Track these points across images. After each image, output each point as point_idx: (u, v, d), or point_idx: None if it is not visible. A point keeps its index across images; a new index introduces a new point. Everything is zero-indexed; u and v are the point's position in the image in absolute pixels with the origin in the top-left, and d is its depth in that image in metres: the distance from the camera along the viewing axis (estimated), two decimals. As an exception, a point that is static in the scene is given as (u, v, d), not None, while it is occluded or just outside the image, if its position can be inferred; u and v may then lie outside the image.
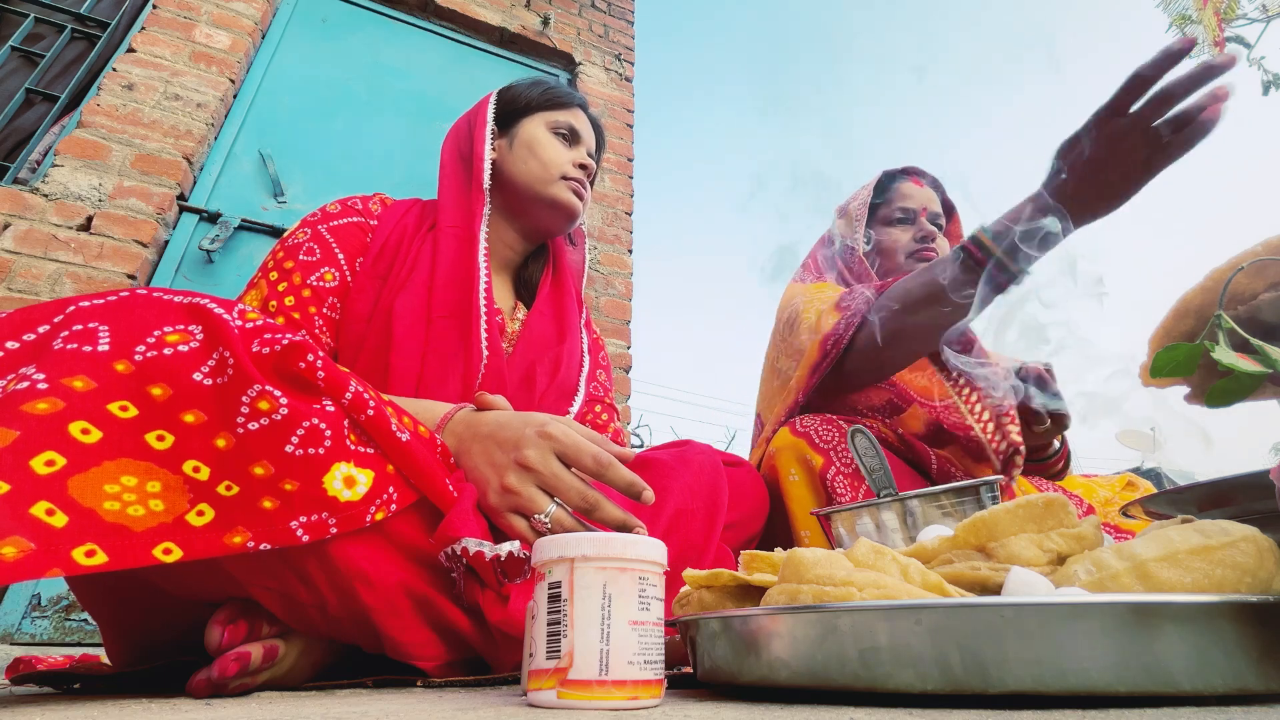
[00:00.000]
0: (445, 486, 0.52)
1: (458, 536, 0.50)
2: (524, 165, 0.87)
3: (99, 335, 0.41)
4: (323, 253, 0.76)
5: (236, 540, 0.41)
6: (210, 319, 0.44)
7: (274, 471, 0.43)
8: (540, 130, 0.89)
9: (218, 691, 0.45)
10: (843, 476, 0.86)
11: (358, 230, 0.81)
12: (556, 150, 0.88)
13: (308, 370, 0.46)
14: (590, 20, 2.82)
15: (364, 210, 0.84)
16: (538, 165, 0.87)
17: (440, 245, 0.80)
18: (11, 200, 1.54)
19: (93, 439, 0.39)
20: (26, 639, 1.34)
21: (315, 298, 0.73)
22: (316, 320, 0.73)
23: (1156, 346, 0.49)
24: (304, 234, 0.77)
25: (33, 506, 0.36)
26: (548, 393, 0.82)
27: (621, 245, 2.40)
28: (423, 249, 0.81)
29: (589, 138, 0.93)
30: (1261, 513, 0.42)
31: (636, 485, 0.55)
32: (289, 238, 0.77)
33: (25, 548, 0.35)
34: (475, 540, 0.50)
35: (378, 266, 0.78)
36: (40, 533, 0.35)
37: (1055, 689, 0.28)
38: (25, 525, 0.35)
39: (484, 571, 0.51)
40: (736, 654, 0.38)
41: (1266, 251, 0.44)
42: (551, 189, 0.86)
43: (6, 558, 0.34)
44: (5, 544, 0.34)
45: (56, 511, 0.36)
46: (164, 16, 1.92)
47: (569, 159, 0.88)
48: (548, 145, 0.88)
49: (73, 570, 0.36)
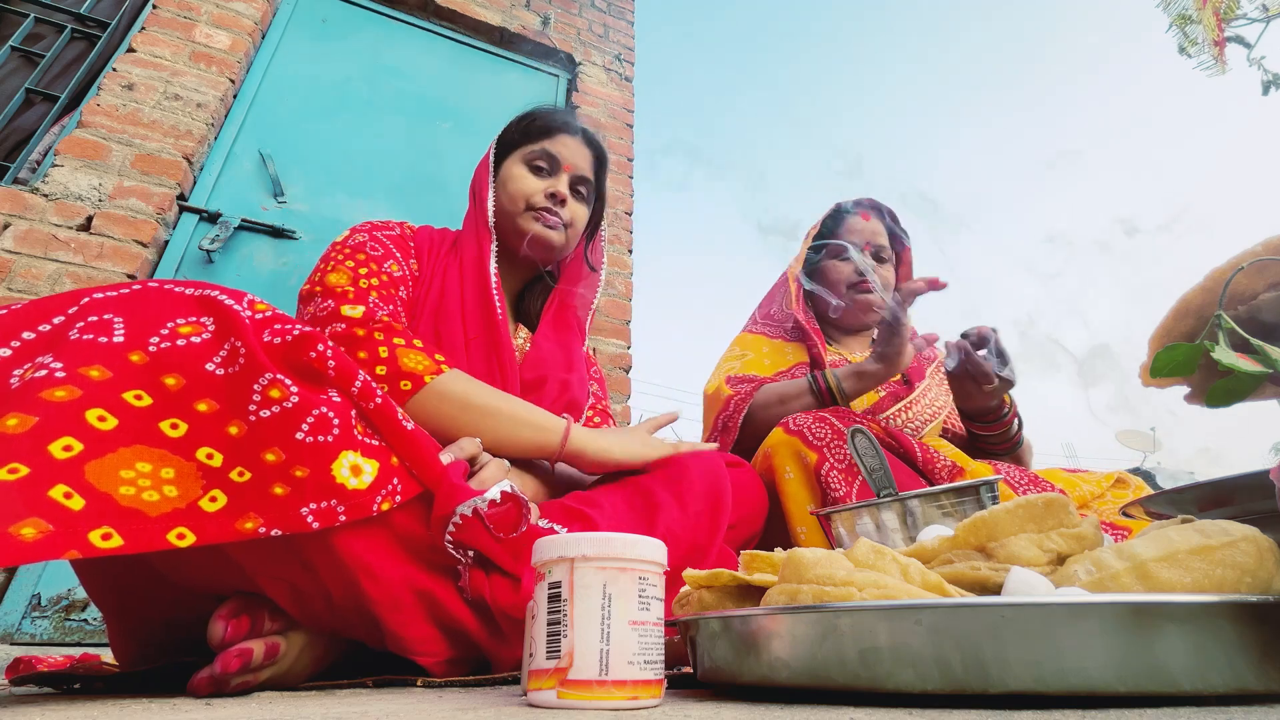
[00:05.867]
0: (446, 475, 0.52)
1: (452, 510, 0.50)
2: (500, 204, 0.91)
3: (114, 326, 0.42)
4: (384, 250, 0.82)
5: (248, 526, 0.42)
6: (221, 310, 0.46)
7: (285, 458, 0.44)
8: (515, 165, 0.92)
9: (220, 688, 0.45)
10: (837, 472, 0.87)
11: (402, 241, 0.87)
12: (526, 182, 0.90)
13: (318, 360, 0.47)
14: (590, 20, 2.81)
15: (402, 232, 0.89)
16: (507, 199, 0.90)
17: (465, 275, 0.87)
18: (11, 200, 1.54)
19: (109, 426, 0.39)
20: (26, 639, 1.34)
21: (391, 283, 0.79)
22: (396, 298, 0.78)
23: (1156, 346, 0.49)
24: (365, 236, 0.82)
25: (51, 489, 0.37)
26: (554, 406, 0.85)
27: (621, 245, 2.40)
28: (449, 270, 0.87)
29: (576, 160, 0.93)
30: (1261, 513, 0.42)
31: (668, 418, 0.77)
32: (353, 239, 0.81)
33: (44, 529, 0.35)
34: (467, 502, 0.50)
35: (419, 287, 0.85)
36: (58, 515, 0.36)
37: (1055, 689, 0.28)
38: (44, 507, 0.36)
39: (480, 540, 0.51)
40: (736, 654, 0.38)
41: (1266, 251, 0.44)
42: (519, 221, 0.89)
43: (26, 538, 0.35)
44: (24, 525, 0.35)
45: (74, 495, 0.37)
46: (164, 16, 1.92)
47: (539, 189, 0.89)
48: (518, 179, 0.90)
49: (89, 552, 0.36)
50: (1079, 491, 0.94)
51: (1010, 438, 1.10)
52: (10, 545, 0.34)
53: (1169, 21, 2.62)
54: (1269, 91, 2.45)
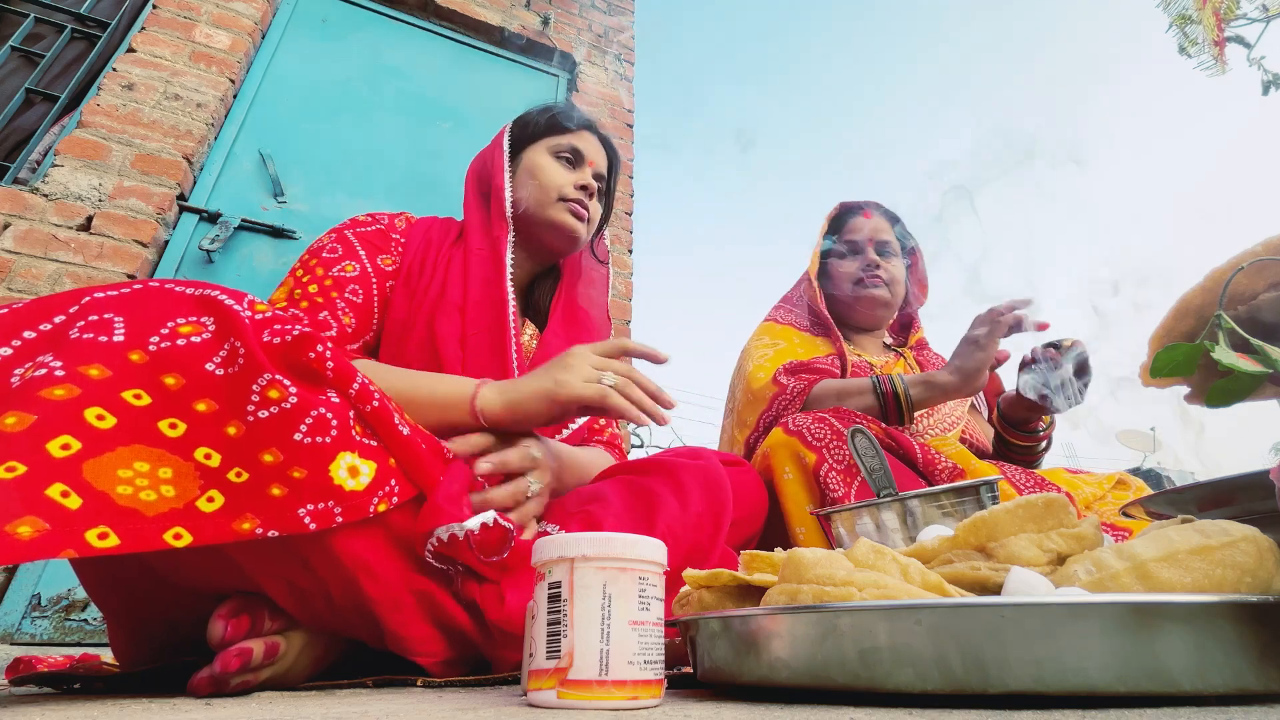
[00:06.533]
0: (440, 482, 0.52)
1: (431, 529, 0.50)
2: (526, 192, 0.90)
3: (114, 326, 0.42)
4: (345, 250, 0.81)
5: (245, 526, 0.42)
6: (221, 310, 0.45)
7: (283, 459, 0.44)
8: (542, 156, 0.91)
9: (219, 688, 0.45)
10: (836, 473, 0.87)
11: (381, 235, 0.85)
12: (556, 173, 0.90)
13: (317, 360, 0.47)
14: (590, 20, 2.81)
15: (389, 224, 0.88)
16: (537, 188, 0.89)
17: (471, 267, 0.85)
18: (11, 200, 1.54)
19: (107, 425, 0.39)
20: (26, 639, 1.34)
21: (336, 285, 0.77)
22: (338, 302, 0.76)
23: (1156, 346, 0.49)
24: (329, 238, 0.82)
25: (48, 488, 0.36)
26: None
27: (621, 245, 2.40)
28: (452, 263, 0.85)
29: (597, 158, 0.95)
30: (1261, 513, 0.42)
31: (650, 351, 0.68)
32: (316, 243, 0.82)
33: (40, 528, 0.35)
34: (445, 526, 0.50)
35: (410, 282, 0.83)
36: (55, 514, 0.36)
37: (1055, 689, 0.28)
38: (41, 506, 0.36)
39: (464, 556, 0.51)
40: (736, 654, 0.38)
41: (1266, 251, 0.44)
42: (550, 211, 0.89)
43: (22, 537, 0.35)
44: (21, 523, 0.35)
45: (71, 494, 0.37)
46: (164, 16, 1.92)
47: (569, 180, 0.90)
48: (547, 169, 0.90)
49: (86, 552, 0.36)
50: (1081, 493, 0.94)
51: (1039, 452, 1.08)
52: (7, 544, 0.34)
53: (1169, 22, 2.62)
54: (1269, 91, 2.45)
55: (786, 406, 1.05)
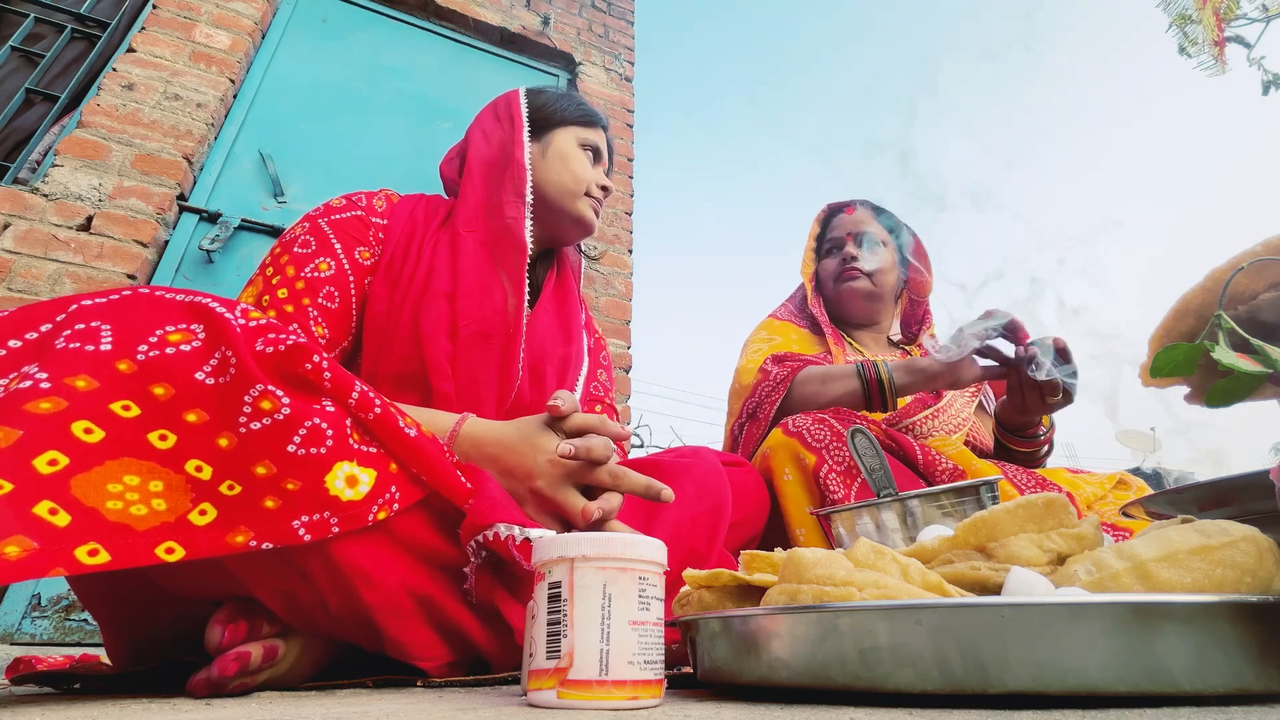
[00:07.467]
0: (457, 478, 0.52)
1: (489, 522, 0.50)
2: (556, 175, 0.87)
3: (101, 334, 0.41)
4: (319, 244, 0.74)
5: (238, 540, 0.41)
6: (212, 318, 0.44)
7: (276, 471, 0.43)
8: (573, 144, 0.89)
9: (217, 691, 0.45)
10: (836, 474, 0.87)
11: (359, 223, 0.78)
12: (587, 167, 0.89)
13: (313, 372, 0.46)
14: (590, 20, 2.81)
15: (368, 206, 0.81)
16: (570, 178, 0.87)
17: (461, 252, 0.78)
18: (11, 200, 1.54)
19: (95, 438, 0.39)
20: (26, 639, 1.34)
21: (309, 289, 0.72)
22: (311, 311, 0.71)
23: (1156, 346, 0.49)
24: (301, 229, 0.76)
25: (35, 506, 0.36)
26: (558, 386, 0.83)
27: (621, 245, 2.40)
28: (438, 248, 0.79)
29: (607, 161, 0.96)
30: (1261, 513, 0.42)
31: (654, 487, 0.58)
32: (287, 234, 0.76)
33: (28, 547, 0.35)
34: (505, 525, 0.50)
35: (392, 270, 0.77)
36: (43, 532, 0.35)
37: (1055, 689, 0.28)
38: (28, 524, 0.35)
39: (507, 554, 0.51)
40: (736, 654, 0.38)
41: (1266, 251, 0.44)
42: (577, 204, 0.88)
43: (10, 557, 0.34)
44: (8, 543, 0.34)
45: (59, 511, 0.36)
46: (164, 16, 1.92)
47: (594, 178, 0.90)
48: (580, 160, 0.89)
49: (76, 569, 0.36)
50: (1082, 493, 0.94)
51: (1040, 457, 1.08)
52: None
53: (1169, 22, 2.62)
54: (1269, 91, 2.45)
55: (770, 393, 1.05)
